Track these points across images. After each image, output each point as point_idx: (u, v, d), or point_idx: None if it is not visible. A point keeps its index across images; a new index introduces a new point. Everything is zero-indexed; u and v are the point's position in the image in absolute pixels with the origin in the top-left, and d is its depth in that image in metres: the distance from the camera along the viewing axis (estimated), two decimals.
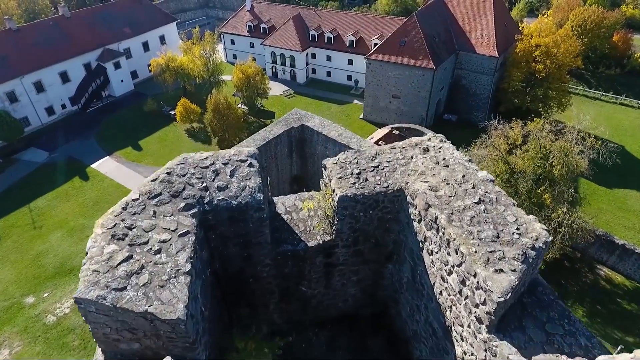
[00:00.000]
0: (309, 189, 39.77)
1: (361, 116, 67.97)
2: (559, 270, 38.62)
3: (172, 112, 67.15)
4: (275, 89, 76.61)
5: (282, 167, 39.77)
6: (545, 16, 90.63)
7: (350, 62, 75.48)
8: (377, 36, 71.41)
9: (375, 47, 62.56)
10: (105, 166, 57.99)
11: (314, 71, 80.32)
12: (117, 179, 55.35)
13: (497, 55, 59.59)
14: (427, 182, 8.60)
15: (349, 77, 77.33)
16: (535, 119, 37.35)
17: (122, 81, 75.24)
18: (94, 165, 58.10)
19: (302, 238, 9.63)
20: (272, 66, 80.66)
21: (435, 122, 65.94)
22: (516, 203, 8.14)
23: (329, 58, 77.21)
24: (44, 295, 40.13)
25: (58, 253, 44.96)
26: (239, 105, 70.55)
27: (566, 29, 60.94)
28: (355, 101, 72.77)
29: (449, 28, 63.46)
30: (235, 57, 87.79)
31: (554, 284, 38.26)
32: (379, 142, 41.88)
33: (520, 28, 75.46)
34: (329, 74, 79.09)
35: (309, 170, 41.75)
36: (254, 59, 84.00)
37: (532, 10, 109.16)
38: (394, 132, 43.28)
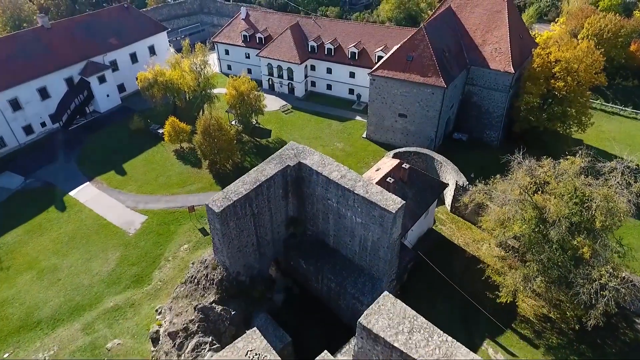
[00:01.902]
0: (307, 232, 33.89)
1: (364, 135, 62.94)
2: (594, 327, 33.56)
3: (160, 131, 62.22)
4: (272, 103, 71.57)
5: (276, 209, 34.55)
6: (557, 24, 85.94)
7: (352, 75, 70.50)
8: (381, 48, 66.42)
9: (380, 62, 57.50)
10: (85, 194, 52.93)
11: (313, 84, 75.32)
12: (96, 209, 50.28)
13: (513, 72, 54.57)
14: None
15: (351, 91, 72.35)
16: (569, 157, 32.27)
17: (107, 96, 70.17)
18: (72, 193, 53.05)
19: None
20: (269, 78, 75.67)
21: (445, 142, 61.00)
22: None
23: (329, 70, 72.21)
24: (5, 357, 35.10)
25: (25, 301, 39.93)
26: (233, 122, 65.56)
27: (588, 43, 55.69)
28: (358, 117, 67.77)
29: (459, 41, 58.40)
30: (229, 68, 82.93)
31: (590, 346, 33.35)
32: (387, 178, 36.87)
33: (532, 35, 70.52)
34: (329, 87, 74.12)
35: (307, 212, 36.66)
36: (249, 70, 79.49)
37: (540, 15, 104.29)
38: (403, 165, 38.24)
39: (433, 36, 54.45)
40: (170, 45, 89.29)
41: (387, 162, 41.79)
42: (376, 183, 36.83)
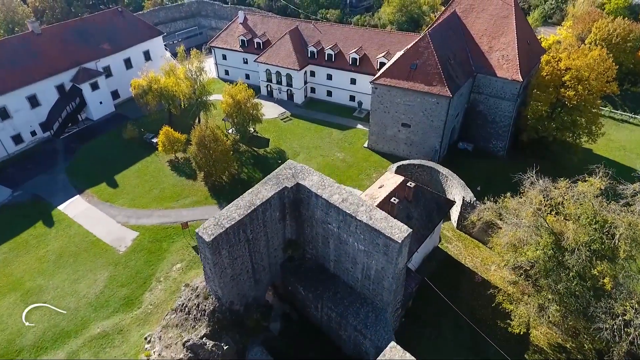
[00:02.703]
0: (306, 256, 31.22)
1: (365, 144, 60.65)
2: None
3: (154, 140, 59.94)
4: (271, 110, 69.35)
5: (272, 233, 32.15)
6: (564, 28, 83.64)
7: (353, 81, 68.23)
8: (383, 54, 64.18)
9: (382, 70, 55.22)
10: (74, 208, 50.66)
11: (312, 90, 73.06)
12: (85, 225, 48.01)
13: (521, 80, 52.31)
14: None
15: (352, 98, 70.08)
16: (588, 178, 29.99)
17: (100, 103, 67.89)
18: (61, 207, 50.76)
19: None
20: (267, 85, 73.40)
21: (449, 152, 58.76)
22: None
23: (329, 77, 69.94)
24: None
25: (7, 326, 37.65)
26: (230, 131, 63.37)
27: (600, 51, 53.38)
28: (359, 126, 65.46)
29: (465, 47, 56.14)
30: (227, 73, 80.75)
31: None
32: (391, 198, 34.59)
33: (538, 39, 68.13)
34: (329, 93, 71.86)
35: (306, 235, 34.38)
36: (247, 76, 77.31)
37: (545, 18, 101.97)
38: (408, 183, 35.95)
39: (438, 43, 52.20)
40: (166, 49, 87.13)
41: (391, 179, 39.53)
42: (380, 203, 34.65)
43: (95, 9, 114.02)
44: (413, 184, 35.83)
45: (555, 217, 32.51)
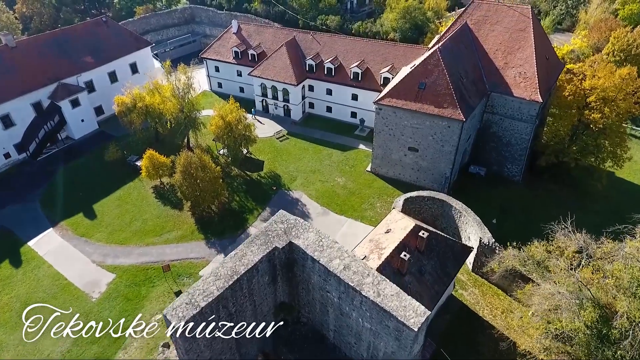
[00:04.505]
0: (301, 320, 24.44)
1: (368, 168, 55.63)
2: None
3: (138, 163, 54.94)
4: (266, 128, 64.44)
5: (261, 300, 26.09)
6: (579, 37, 78.67)
7: (354, 97, 63.19)
8: (387, 68, 59.17)
9: (387, 89, 50.21)
10: (46, 244, 45.64)
11: (311, 105, 68.03)
12: (56, 265, 42.99)
13: (541, 101, 47.30)
14: None
15: (354, 114, 65.03)
16: (637, 234, 24.92)
17: (82, 121, 62.88)
18: (31, 243, 45.77)
19: None
20: (262, 99, 68.35)
21: (460, 177, 53.76)
22: None
23: (329, 92, 64.88)
24: None
25: None
26: (221, 152, 58.41)
27: (630, 69, 48.29)
28: (361, 146, 60.39)
29: (477, 63, 51.16)
30: (220, 86, 75.70)
31: None
32: (402, 254, 29.49)
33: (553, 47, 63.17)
34: (329, 109, 66.80)
35: (301, 298, 29.24)
36: (242, 89, 72.47)
37: (555, 24, 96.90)
38: (420, 233, 30.91)
39: (448, 60, 47.19)
40: (157, 57, 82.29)
41: (399, 221, 34.49)
42: (388, 257, 29.65)
43: (86, 15, 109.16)
44: (426, 234, 30.77)
45: (592, 274, 27.62)
